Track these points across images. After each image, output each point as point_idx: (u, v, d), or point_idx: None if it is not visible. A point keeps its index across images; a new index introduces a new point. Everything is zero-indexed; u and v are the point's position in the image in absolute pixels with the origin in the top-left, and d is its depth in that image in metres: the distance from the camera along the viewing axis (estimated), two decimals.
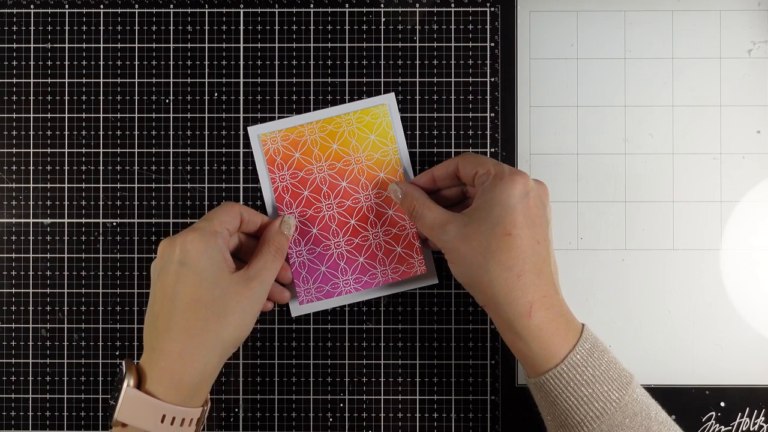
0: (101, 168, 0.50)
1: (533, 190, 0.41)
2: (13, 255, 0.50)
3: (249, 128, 0.50)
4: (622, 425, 0.39)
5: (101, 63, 0.50)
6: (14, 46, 0.50)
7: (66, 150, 0.50)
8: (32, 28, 0.50)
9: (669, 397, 0.49)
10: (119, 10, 0.50)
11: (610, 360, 0.40)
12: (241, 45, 0.50)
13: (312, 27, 0.50)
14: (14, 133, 0.50)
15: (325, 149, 0.49)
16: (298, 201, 0.49)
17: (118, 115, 0.50)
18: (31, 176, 0.50)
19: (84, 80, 0.50)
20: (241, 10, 0.50)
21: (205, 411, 0.42)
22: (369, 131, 0.49)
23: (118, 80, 0.50)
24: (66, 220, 0.50)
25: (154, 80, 0.50)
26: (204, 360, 0.41)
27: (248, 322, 0.43)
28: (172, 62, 0.50)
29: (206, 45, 0.50)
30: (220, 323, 0.41)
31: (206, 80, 0.50)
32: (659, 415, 0.40)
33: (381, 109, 0.50)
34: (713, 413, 0.49)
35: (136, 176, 0.50)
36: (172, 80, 0.50)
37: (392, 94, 0.50)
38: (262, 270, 0.44)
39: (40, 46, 0.50)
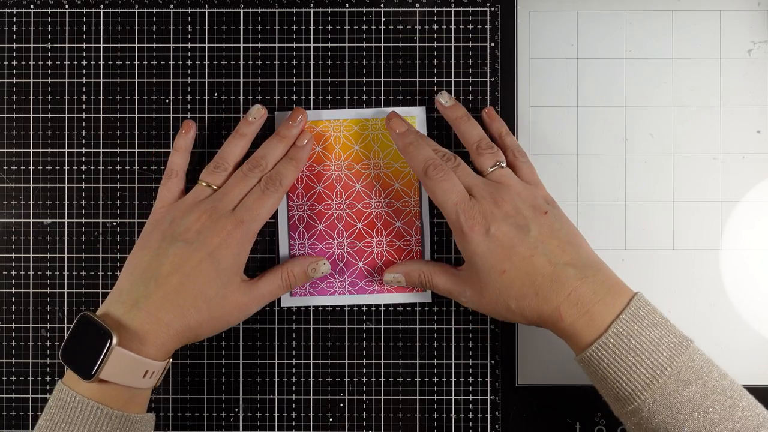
0: (101, 168, 0.50)
1: (494, 224, 0.42)
2: (13, 255, 0.50)
3: (276, 113, 0.49)
4: (675, 393, 0.37)
5: (101, 63, 0.50)
6: (14, 46, 0.50)
7: (66, 150, 0.50)
8: (32, 28, 0.50)
9: None
10: (119, 10, 0.50)
11: (662, 326, 0.39)
12: (241, 45, 0.50)
13: (312, 27, 0.50)
14: (14, 133, 0.50)
15: (346, 148, 0.49)
16: (309, 194, 0.49)
17: (118, 115, 0.50)
18: (31, 176, 0.50)
19: (84, 80, 0.50)
20: (241, 10, 0.50)
21: (170, 361, 0.43)
22: None
23: (118, 80, 0.50)
24: (66, 220, 0.50)
25: (154, 80, 0.50)
26: (182, 338, 0.42)
27: (222, 329, 0.45)
28: (172, 62, 0.50)
29: (206, 45, 0.50)
30: (205, 320, 0.42)
31: (206, 80, 0.50)
32: (720, 383, 0.38)
33: (409, 120, 0.49)
34: None
35: (136, 176, 0.50)
36: (172, 80, 0.50)
37: (423, 108, 0.49)
38: (266, 294, 0.45)
39: (40, 46, 0.50)
